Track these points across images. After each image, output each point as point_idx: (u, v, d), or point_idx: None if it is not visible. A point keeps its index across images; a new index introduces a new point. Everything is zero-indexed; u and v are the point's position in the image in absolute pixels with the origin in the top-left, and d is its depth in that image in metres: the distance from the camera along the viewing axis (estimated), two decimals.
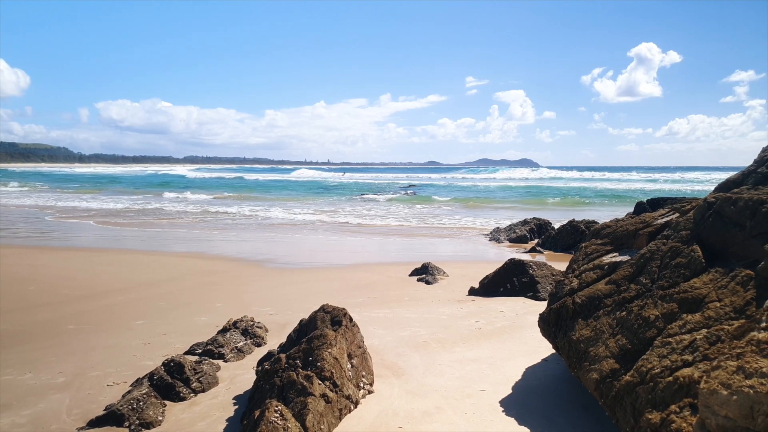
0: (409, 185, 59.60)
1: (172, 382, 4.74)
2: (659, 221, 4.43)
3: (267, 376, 4.30)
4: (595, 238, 5.05)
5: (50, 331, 6.73)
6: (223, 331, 6.18)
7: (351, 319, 5.07)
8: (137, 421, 4.18)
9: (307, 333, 4.83)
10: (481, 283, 8.97)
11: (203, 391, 4.87)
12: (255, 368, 5.24)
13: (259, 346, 6.19)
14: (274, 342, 6.19)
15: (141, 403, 4.31)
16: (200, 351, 5.78)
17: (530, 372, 5.16)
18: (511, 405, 4.43)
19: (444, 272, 10.32)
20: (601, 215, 19.74)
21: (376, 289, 9.16)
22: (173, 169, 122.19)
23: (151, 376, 4.77)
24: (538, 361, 5.45)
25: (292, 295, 8.73)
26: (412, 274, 10.37)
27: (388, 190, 48.79)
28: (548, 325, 4.64)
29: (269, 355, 5.21)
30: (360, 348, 4.96)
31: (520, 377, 5.03)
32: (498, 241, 15.91)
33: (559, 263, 9.65)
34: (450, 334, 6.45)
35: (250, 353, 5.95)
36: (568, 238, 14.02)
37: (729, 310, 2.97)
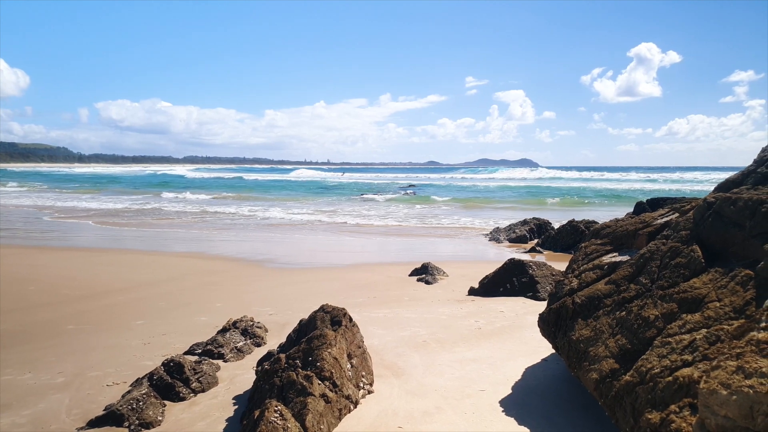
0: (409, 185, 59.59)
1: (172, 382, 4.74)
2: (659, 221, 4.43)
3: (267, 376, 4.30)
4: (595, 238, 5.05)
5: (50, 331, 6.73)
6: (223, 331, 6.18)
7: (351, 319, 5.07)
8: (137, 421, 4.18)
9: (307, 333, 4.83)
10: (481, 283, 8.97)
11: (203, 391, 4.87)
12: (255, 368, 5.24)
13: (258, 346, 6.19)
14: (273, 342, 6.19)
15: (141, 403, 4.31)
16: (200, 351, 5.78)
17: (530, 372, 5.16)
18: (511, 405, 4.43)
19: (444, 272, 10.32)
20: (601, 215, 19.74)
21: (376, 289, 9.16)
22: (172, 169, 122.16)
23: (150, 376, 4.77)
24: (538, 361, 5.45)
25: (292, 295, 8.73)
26: (412, 274, 10.37)
27: (388, 190, 48.78)
28: (548, 325, 4.64)
29: (269, 355, 5.21)
30: (360, 348, 4.96)
31: (519, 377, 5.03)
32: (498, 241, 15.91)
33: (559, 263, 9.65)
34: (450, 334, 6.45)
35: (249, 353, 5.95)
36: (568, 238, 14.03)
37: (729, 310, 2.97)
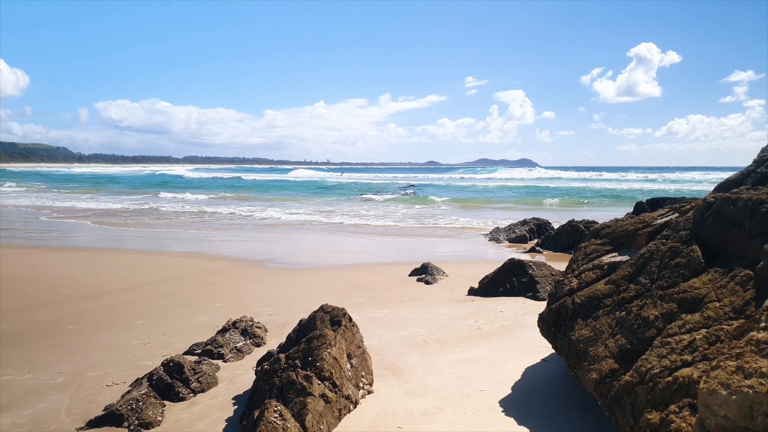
0: (409, 185, 59.59)
1: (172, 382, 4.73)
2: (659, 221, 4.43)
3: (266, 377, 4.30)
4: (595, 238, 5.06)
5: (50, 331, 6.72)
6: (223, 331, 6.18)
7: (350, 319, 5.07)
8: (136, 422, 4.17)
9: (307, 333, 4.83)
10: (481, 283, 8.97)
11: (202, 392, 4.87)
12: (254, 368, 5.24)
13: (258, 346, 6.19)
14: (273, 342, 6.19)
15: (140, 403, 4.30)
16: (200, 351, 5.78)
17: (530, 372, 5.16)
18: (511, 405, 4.43)
19: (443, 272, 10.32)
20: (601, 215, 19.76)
21: (376, 289, 9.15)
22: (171, 169, 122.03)
23: (150, 376, 4.77)
24: (538, 361, 5.45)
25: (292, 295, 8.73)
26: (412, 274, 10.37)
27: (388, 190, 48.78)
28: (548, 325, 4.64)
29: (269, 355, 5.20)
30: (359, 348, 4.96)
31: (519, 377, 5.03)
32: (497, 241, 15.91)
33: (559, 263, 9.65)
34: (449, 334, 6.45)
35: (249, 353, 5.95)
36: (568, 238, 14.03)
37: (728, 310, 2.97)
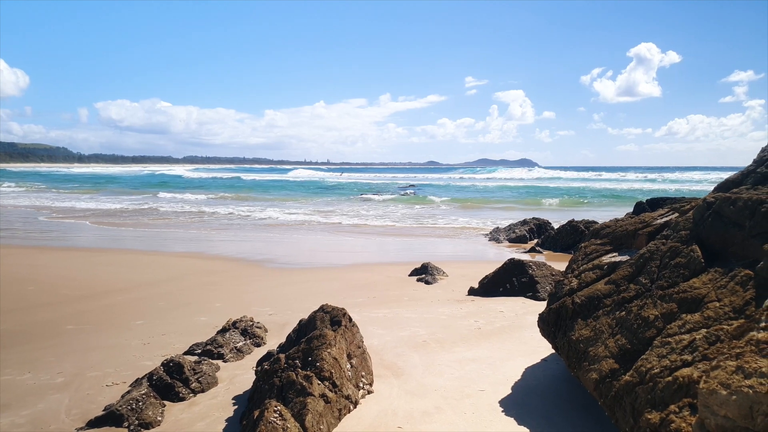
0: (409, 185, 59.59)
1: (172, 382, 4.73)
2: (659, 221, 4.43)
3: (266, 377, 4.30)
4: (595, 238, 5.06)
5: (49, 331, 6.72)
6: (223, 331, 6.18)
7: (350, 319, 5.07)
8: (136, 422, 4.17)
9: (307, 333, 4.83)
10: (481, 283, 8.97)
11: (202, 392, 4.87)
12: (254, 368, 5.23)
13: (258, 346, 6.19)
14: (273, 342, 6.19)
15: (140, 404, 4.30)
16: (199, 351, 5.78)
17: (530, 372, 5.16)
18: (511, 405, 4.43)
19: (443, 272, 10.32)
20: (601, 215, 19.75)
21: (376, 289, 9.15)
22: (171, 170, 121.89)
23: (150, 377, 4.77)
24: (538, 361, 5.45)
25: (292, 295, 8.73)
26: (412, 274, 10.37)
27: (387, 191, 48.78)
28: (548, 325, 4.64)
29: (268, 356, 5.20)
30: (359, 348, 4.96)
31: (519, 377, 5.03)
32: (497, 241, 15.91)
33: (559, 263, 9.65)
34: (449, 334, 6.45)
35: (249, 353, 5.94)
36: (568, 238, 14.03)
37: (728, 310, 2.97)
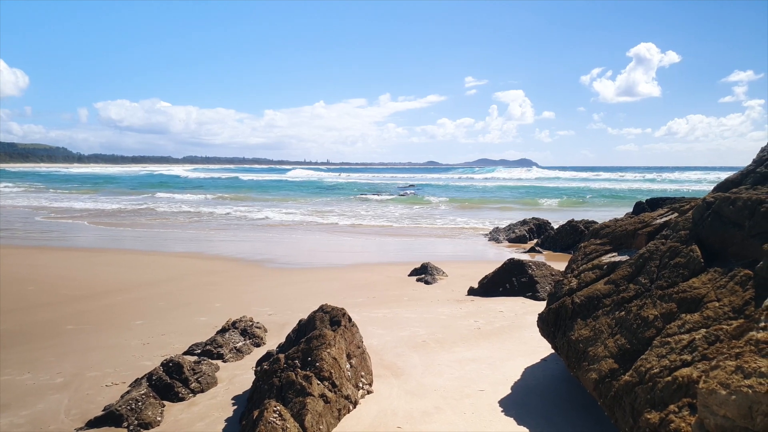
0: (408, 185, 59.60)
1: (171, 382, 4.73)
2: (658, 221, 4.43)
3: (266, 377, 4.29)
4: (594, 238, 5.06)
5: (49, 332, 6.72)
6: (222, 331, 6.18)
7: (350, 319, 5.06)
8: (136, 422, 4.17)
9: (306, 333, 4.83)
10: (481, 283, 8.97)
11: (202, 392, 4.87)
12: (254, 368, 5.23)
13: (258, 346, 6.18)
14: (273, 342, 6.19)
15: (140, 404, 4.30)
16: (199, 351, 5.77)
17: (529, 372, 5.16)
18: (510, 405, 4.43)
19: (443, 272, 10.32)
20: (600, 215, 19.75)
21: (376, 289, 9.15)
22: (170, 170, 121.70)
23: (149, 377, 4.76)
24: (537, 361, 5.45)
25: (291, 295, 8.72)
26: (412, 274, 10.37)
27: (387, 191, 48.78)
28: (547, 325, 4.64)
29: (268, 356, 5.20)
30: (359, 348, 4.95)
31: (519, 377, 5.03)
32: (497, 241, 15.92)
33: (558, 263, 9.66)
34: (449, 334, 6.45)
35: (249, 353, 5.94)
36: (567, 238, 14.04)
37: (728, 310, 2.97)
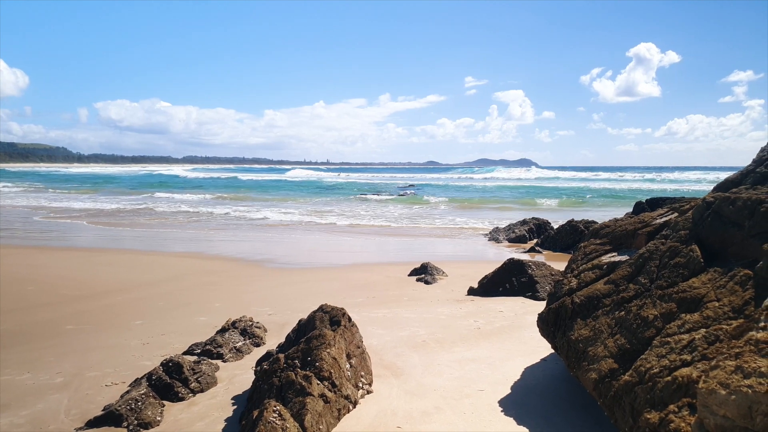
0: (408, 185, 59.60)
1: (171, 382, 4.73)
2: (658, 221, 4.43)
3: (265, 376, 4.29)
4: (594, 237, 5.06)
5: (49, 332, 6.72)
6: (222, 331, 6.18)
7: (350, 319, 5.06)
8: (135, 422, 4.17)
9: (306, 333, 4.83)
10: (480, 282, 8.97)
11: (202, 392, 4.87)
12: (254, 368, 5.23)
13: (257, 346, 6.18)
14: (272, 342, 6.19)
15: (139, 404, 4.30)
16: (199, 351, 5.77)
17: (529, 372, 5.16)
18: (510, 405, 4.43)
19: (443, 272, 10.32)
20: (600, 215, 19.76)
21: (375, 289, 9.15)
22: (169, 169, 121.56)
23: (149, 376, 4.76)
24: (537, 361, 5.45)
25: (291, 295, 8.72)
26: (411, 274, 10.37)
27: (387, 191, 48.78)
28: (547, 325, 4.64)
29: (268, 355, 5.20)
30: (359, 348, 4.95)
31: (518, 377, 5.03)
32: (497, 241, 15.92)
33: (558, 263, 9.66)
34: (449, 334, 6.45)
35: (248, 353, 5.94)
36: (567, 238, 14.04)
37: (727, 310, 2.97)
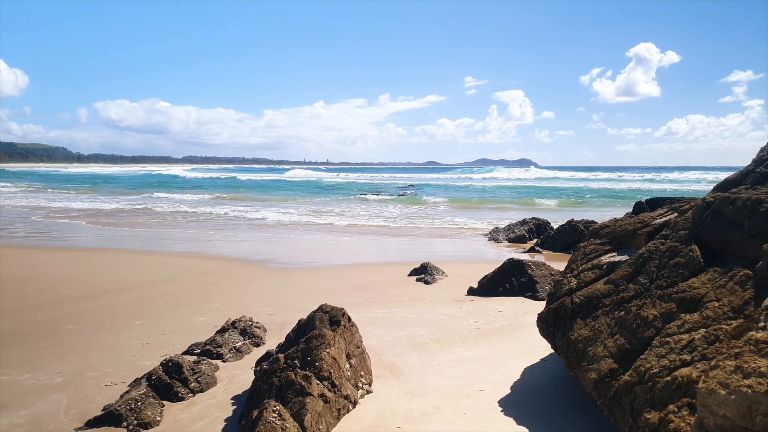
0: (408, 185, 59.61)
1: (171, 382, 4.73)
2: (658, 221, 4.43)
3: (265, 376, 4.29)
4: (594, 237, 5.06)
5: (49, 332, 6.71)
6: (222, 331, 6.17)
7: (349, 319, 5.06)
8: (135, 422, 4.17)
9: (306, 333, 4.83)
10: (480, 283, 8.97)
11: (201, 392, 4.86)
12: (253, 368, 5.23)
13: (257, 346, 6.18)
14: (272, 342, 6.19)
15: (139, 404, 4.30)
16: (199, 351, 5.77)
17: (529, 372, 5.16)
18: (510, 405, 4.43)
19: (443, 272, 10.32)
20: (600, 215, 19.76)
21: (375, 289, 9.15)
22: (169, 169, 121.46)
23: (149, 376, 4.76)
24: (537, 361, 5.45)
25: (291, 295, 8.72)
26: (411, 274, 10.37)
27: (387, 191, 48.78)
28: (547, 325, 4.64)
29: (268, 355, 5.20)
30: (358, 348, 4.95)
31: (518, 377, 5.03)
32: (497, 241, 15.92)
33: (558, 263, 9.65)
34: (449, 334, 6.45)
35: (248, 353, 5.94)
36: (567, 238, 14.04)
37: (727, 310, 2.97)
